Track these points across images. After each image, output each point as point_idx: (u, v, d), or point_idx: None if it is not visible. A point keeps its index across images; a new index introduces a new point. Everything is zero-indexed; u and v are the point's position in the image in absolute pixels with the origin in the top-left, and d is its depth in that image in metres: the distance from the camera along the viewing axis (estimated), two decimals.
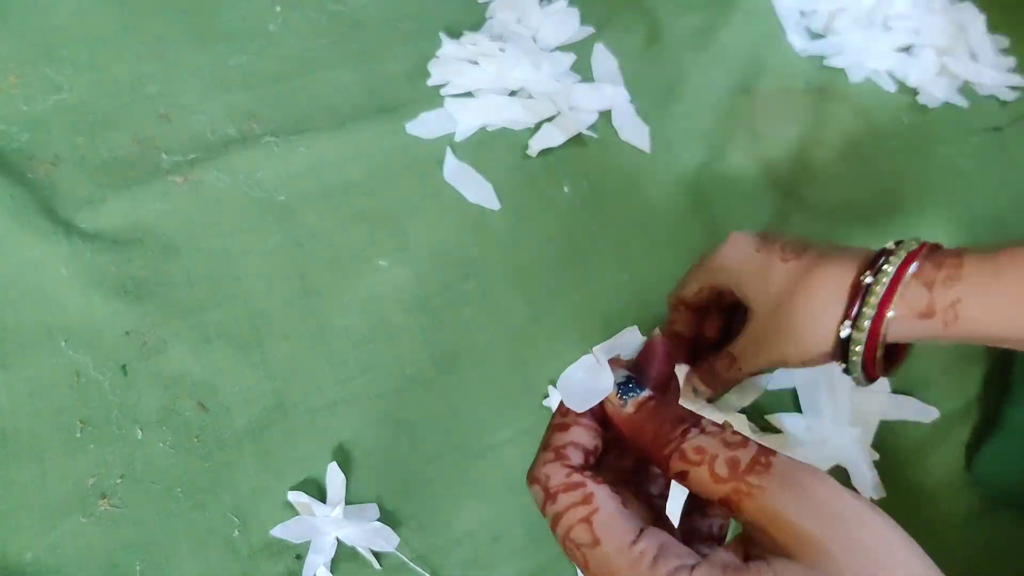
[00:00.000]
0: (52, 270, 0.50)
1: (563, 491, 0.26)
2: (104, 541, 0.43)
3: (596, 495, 0.25)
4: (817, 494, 0.22)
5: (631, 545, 0.24)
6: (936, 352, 0.55)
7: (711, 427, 0.25)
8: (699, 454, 0.24)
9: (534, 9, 0.67)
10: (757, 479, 0.23)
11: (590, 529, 0.25)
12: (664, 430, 0.26)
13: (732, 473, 0.23)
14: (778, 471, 0.23)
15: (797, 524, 0.22)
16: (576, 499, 0.25)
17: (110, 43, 0.61)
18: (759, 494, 0.23)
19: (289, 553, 0.44)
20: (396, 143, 0.59)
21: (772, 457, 0.23)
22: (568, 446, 0.27)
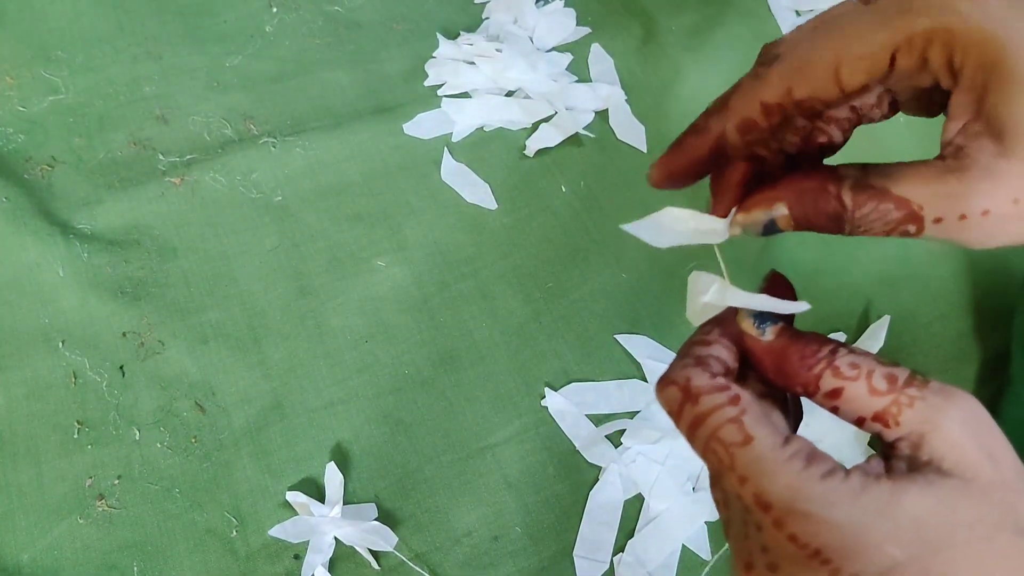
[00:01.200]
0: (49, 271, 0.50)
1: (707, 392, 0.24)
2: (102, 542, 0.43)
3: (743, 398, 0.24)
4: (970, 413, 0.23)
5: (783, 445, 0.23)
6: (931, 350, 0.55)
7: (858, 349, 0.24)
8: (855, 369, 0.23)
9: (530, 10, 0.68)
10: (917, 391, 0.23)
11: (742, 427, 0.23)
12: (811, 350, 0.24)
13: (891, 386, 0.23)
14: (936, 387, 0.23)
15: (955, 438, 0.22)
16: (722, 400, 0.24)
17: (106, 45, 0.61)
18: (921, 404, 0.22)
19: (288, 553, 0.44)
20: (393, 143, 0.59)
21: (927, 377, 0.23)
22: (710, 358, 0.25)
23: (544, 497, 0.47)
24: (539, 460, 0.49)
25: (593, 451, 0.48)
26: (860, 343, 0.54)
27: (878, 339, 0.54)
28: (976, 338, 0.56)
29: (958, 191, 0.23)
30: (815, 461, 0.23)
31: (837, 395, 0.24)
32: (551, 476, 0.48)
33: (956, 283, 0.58)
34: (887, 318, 0.55)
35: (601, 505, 0.47)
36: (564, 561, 0.46)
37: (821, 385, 0.24)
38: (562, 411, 0.50)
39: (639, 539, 0.46)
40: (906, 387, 0.23)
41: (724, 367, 0.25)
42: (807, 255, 0.58)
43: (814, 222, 0.25)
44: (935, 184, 0.24)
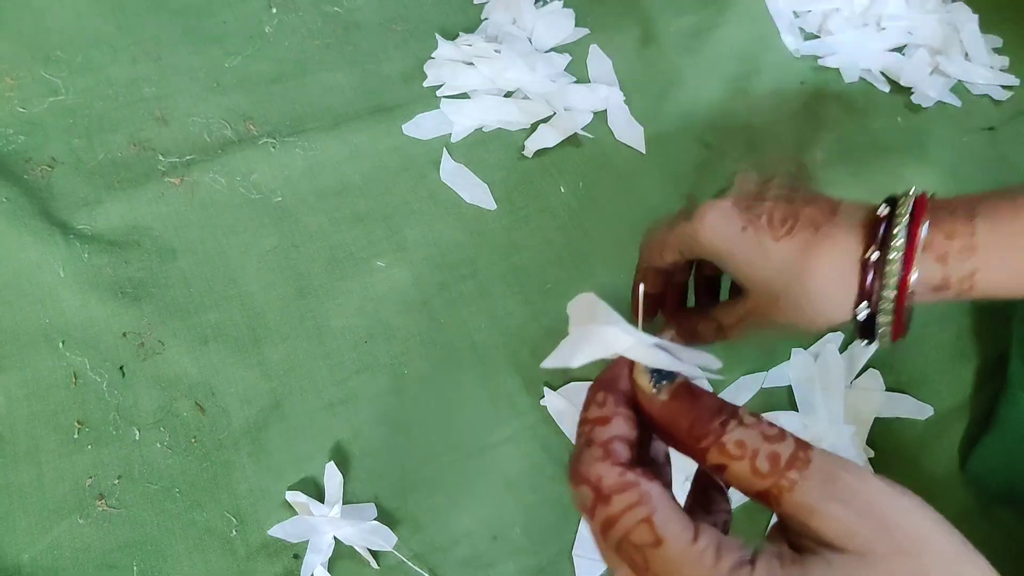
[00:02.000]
0: (49, 272, 0.50)
1: (617, 492, 0.24)
2: (102, 542, 0.43)
3: (652, 494, 0.24)
4: (854, 487, 0.23)
5: (693, 542, 0.23)
6: (931, 350, 0.55)
7: (748, 418, 0.25)
8: (740, 448, 0.24)
9: (529, 10, 0.68)
10: (798, 474, 0.23)
11: (652, 529, 0.24)
12: (702, 420, 0.25)
13: (773, 468, 0.23)
14: (817, 466, 0.23)
15: (839, 518, 0.22)
16: (633, 499, 0.24)
17: (106, 45, 0.61)
18: (800, 489, 0.23)
19: (287, 553, 0.44)
20: (392, 144, 0.60)
21: (810, 452, 0.24)
22: (613, 441, 0.25)
23: (543, 497, 0.48)
24: (538, 460, 0.49)
25: None
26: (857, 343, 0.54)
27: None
28: (974, 339, 0.56)
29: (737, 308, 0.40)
30: (724, 554, 0.23)
31: (722, 470, 0.24)
32: (550, 476, 0.48)
33: None
34: None
35: None
36: (563, 561, 0.46)
37: (708, 458, 0.25)
38: (561, 411, 0.50)
39: None
40: (787, 469, 0.23)
41: (629, 446, 0.26)
42: None
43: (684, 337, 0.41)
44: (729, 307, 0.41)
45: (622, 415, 0.26)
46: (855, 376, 0.53)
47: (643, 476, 0.24)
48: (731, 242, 0.39)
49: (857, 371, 0.53)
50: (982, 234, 0.34)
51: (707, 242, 0.39)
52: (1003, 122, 0.70)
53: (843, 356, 0.54)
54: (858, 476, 0.23)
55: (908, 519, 0.23)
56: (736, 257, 0.39)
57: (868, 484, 0.23)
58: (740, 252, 0.38)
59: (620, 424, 0.26)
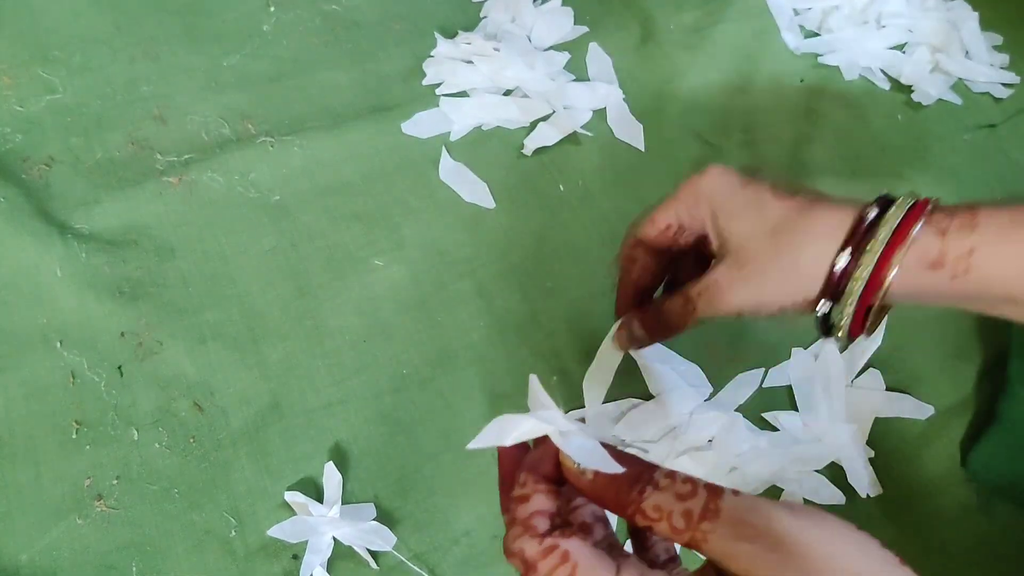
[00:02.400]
0: (47, 271, 0.50)
1: (541, 558, 0.28)
2: (100, 542, 0.43)
3: (571, 552, 0.27)
4: (761, 525, 0.25)
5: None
6: (931, 349, 0.55)
7: (663, 480, 0.27)
8: (657, 512, 0.27)
9: (528, 8, 0.68)
10: (710, 525, 0.25)
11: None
12: (623, 492, 0.27)
13: (688, 524, 0.26)
14: (726, 515, 0.25)
15: (748, 555, 0.24)
16: (554, 562, 0.27)
17: (103, 44, 0.61)
18: (713, 539, 0.25)
19: (286, 553, 0.44)
20: (391, 143, 0.59)
21: (720, 501, 0.26)
22: (533, 516, 0.29)
23: None
24: None
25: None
26: (857, 342, 0.54)
27: (876, 338, 0.54)
28: (974, 338, 0.56)
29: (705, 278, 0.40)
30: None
31: (650, 531, 0.28)
32: None
33: None
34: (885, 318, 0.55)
35: None
36: None
37: (635, 521, 0.27)
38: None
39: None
40: (700, 521, 0.26)
41: (548, 517, 0.29)
42: None
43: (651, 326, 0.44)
44: (697, 279, 0.40)
45: (541, 491, 0.29)
46: (855, 375, 0.53)
47: (561, 537, 0.28)
48: (727, 195, 0.40)
49: (857, 371, 0.53)
50: (983, 215, 0.34)
51: (707, 190, 0.40)
52: (1004, 120, 0.70)
53: (843, 355, 0.54)
54: (765, 515, 0.25)
55: (814, 550, 0.24)
56: (728, 208, 0.39)
57: (775, 520, 0.25)
58: (735, 204, 0.39)
59: (539, 500, 0.29)
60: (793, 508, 0.25)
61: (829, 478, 0.49)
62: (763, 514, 0.25)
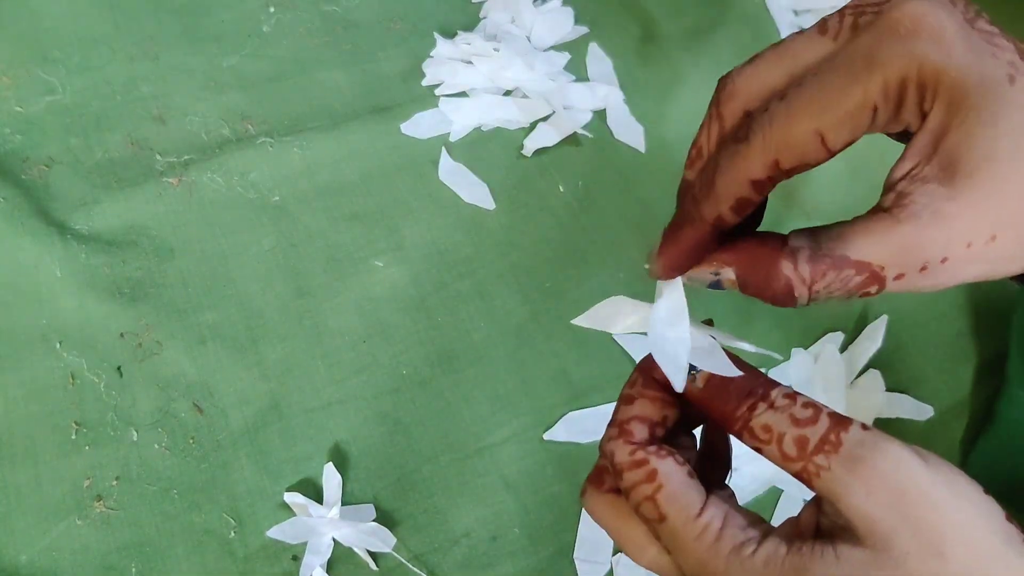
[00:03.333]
0: (46, 272, 0.50)
1: (627, 469, 0.26)
2: (100, 543, 0.43)
3: (660, 471, 0.25)
4: (886, 475, 0.22)
5: (696, 518, 0.24)
6: (930, 350, 0.55)
7: (781, 399, 0.24)
8: (767, 433, 0.24)
9: (528, 9, 0.67)
10: (825, 459, 0.22)
11: (656, 506, 0.25)
12: (731, 407, 0.25)
13: (800, 453, 0.23)
14: (846, 451, 0.22)
15: (862, 508, 0.22)
16: (640, 477, 0.25)
17: (103, 44, 0.61)
18: (826, 476, 0.22)
19: (286, 554, 0.44)
20: (391, 143, 0.59)
21: (844, 433, 0.22)
22: (632, 420, 0.26)
23: (543, 497, 0.47)
24: (537, 460, 0.49)
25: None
26: (857, 343, 0.54)
27: (876, 339, 0.54)
28: (974, 338, 0.56)
29: (915, 243, 0.22)
30: (726, 533, 0.24)
31: (759, 451, 0.24)
32: (549, 476, 0.48)
33: None
34: (884, 318, 0.55)
35: None
36: (563, 561, 0.46)
37: (744, 441, 0.25)
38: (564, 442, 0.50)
39: None
40: (815, 454, 0.23)
41: (649, 426, 0.26)
42: None
43: (763, 295, 0.25)
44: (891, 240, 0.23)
45: (648, 397, 0.27)
46: (855, 376, 0.53)
47: (655, 455, 0.25)
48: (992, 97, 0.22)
49: (857, 371, 0.53)
50: None
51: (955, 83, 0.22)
52: None
53: (843, 356, 0.54)
54: (894, 459, 0.22)
55: (938, 513, 0.21)
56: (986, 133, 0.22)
57: (903, 469, 0.22)
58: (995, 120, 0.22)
59: (643, 405, 0.27)
60: (926, 457, 0.22)
61: None
62: (891, 458, 0.22)
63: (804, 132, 0.23)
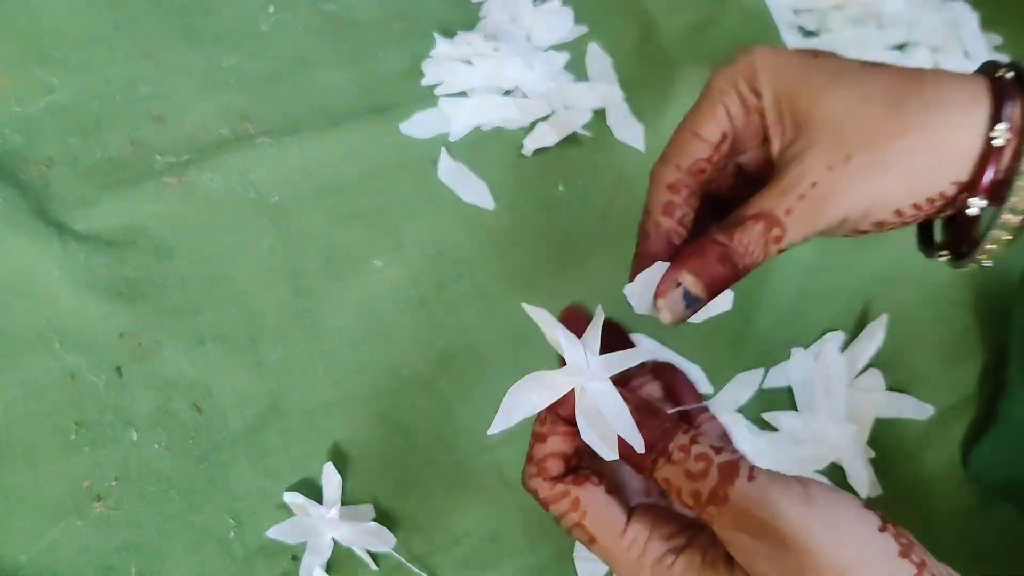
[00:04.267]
0: (45, 272, 0.50)
1: (552, 501, 0.28)
2: (99, 543, 0.43)
3: (581, 498, 0.28)
4: (769, 523, 0.24)
5: (621, 536, 0.27)
6: (931, 350, 0.55)
7: (677, 453, 0.26)
8: (667, 485, 0.26)
9: (527, 8, 0.67)
10: (716, 510, 0.25)
11: (584, 530, 0.28)
12: (643, 461, 0.27)
13: (696, 503, 0.25)
14: (733, 504, 0.25)
15: (746, 553, 0.24)
16: (564, 507, 0.28)
17: (102, 44, 0.60)
18: (718, 523, 0.25)
19: (285, 554, 0.44)
20: (390, 143, 0.59)
21: (730, 488, 0.25)
22: (547, 458, 0.29)
23: None
24: None
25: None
26: (858, 342, 0.54)
27: (876, 339, 0.54)
28: (974, 338, 0.56)
29: (787, 183, 0.29)
30: (649, 548, 0.27)
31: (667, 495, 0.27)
32: None
33: (954, 283, 0.58)
34: (884, 317, 0.55)
35: None
36: (563, 561, 0.46)
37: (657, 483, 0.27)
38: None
39: None
40: (707, 505, 0.25)
41: (563, 460, 0.29)
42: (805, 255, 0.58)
43: (712, 273, 0.30)
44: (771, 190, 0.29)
45: (559, 433, 0.29)
46: (855, 375, 0.53)
47: (574, 483, 0.28)
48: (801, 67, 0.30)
49: (858, 370, 0.53)
50: None
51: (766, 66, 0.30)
52: None
53: (843, 355, 0.54)
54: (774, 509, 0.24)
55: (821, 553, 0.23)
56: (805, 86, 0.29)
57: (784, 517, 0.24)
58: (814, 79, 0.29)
59: (555, 442, 0.29)
60: (810, 500, 0.24)
61: (829, 479, 0.49)
62: (772, 509, 0.24)
63: (684, 134, 0.33)
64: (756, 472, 0.25)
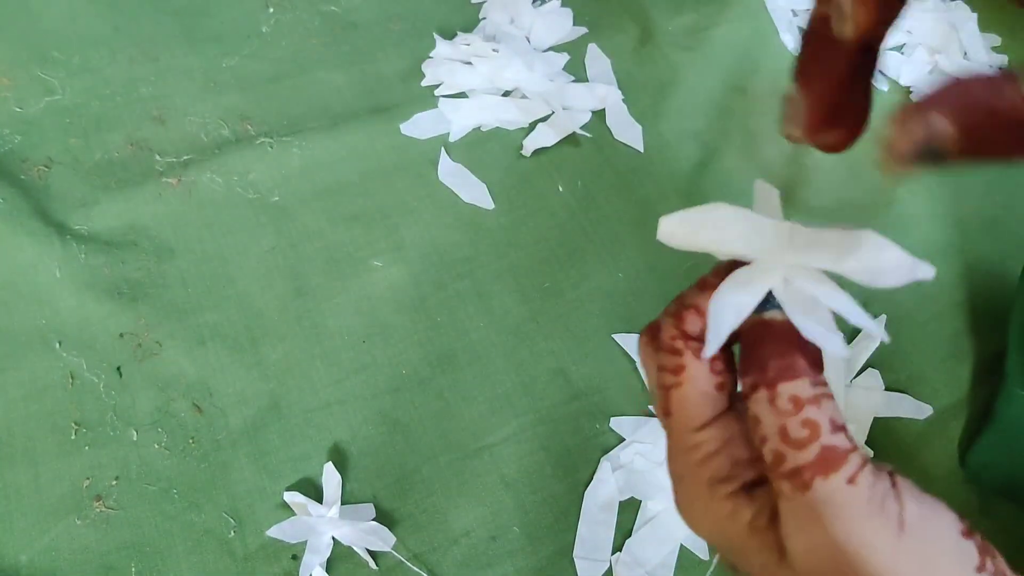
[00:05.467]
0: (46, 272, 0.50)
1: (664, 351, 0.24)
2: (99, 543, 0.43)
3: (687, 369, 0.24)
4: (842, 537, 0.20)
5: (695, 431, 0.23)
6: (929, 349, 0.55)
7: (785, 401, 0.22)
8: (755, 424, 0.22)
9: (527, 9, 0.68)
10: (790, 488, 0.21)
11: (667, 400, 0.24)
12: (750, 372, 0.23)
13: (774, 466, 0.21)
14: (813, 498, 0.21)
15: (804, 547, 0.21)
16: (669, 365, 0.24)
17: (102, 45, 0.61)
18: (784, 502, 0.21)
19: (285, 554, 0.44)
20: (390, 144, 0.59)
21: (821, 479, 0.21)
22: (692, 309, 0.24)
23: (542, 497, 0.47)
24: (537, 460, 0.49)
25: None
26: (856, 342, 0.54)
27: (876, 339, 0.54)
28: (973, 337, 0.56)
29: None
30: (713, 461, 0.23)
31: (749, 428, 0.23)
32: (549, 476, 0.48)
33: (952, 283, 0.58)
34: (883, 317, 0.55)
35: (597, 505, 0.47)
36: (562, 561, 0.46)
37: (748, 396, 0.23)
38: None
39: (637, 539, 0.46)
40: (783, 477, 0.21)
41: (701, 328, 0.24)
42: None
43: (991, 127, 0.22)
44: None
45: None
46: (854, 375, 0.53)
47: (694, 351, 0.24)
48: None
49: (856, 370, 0.53)
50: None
51: None
52: None
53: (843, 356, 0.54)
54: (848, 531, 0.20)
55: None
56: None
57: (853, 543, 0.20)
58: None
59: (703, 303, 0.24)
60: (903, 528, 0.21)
61: None
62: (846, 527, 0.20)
63: None
64: (860, 479, 0.21)
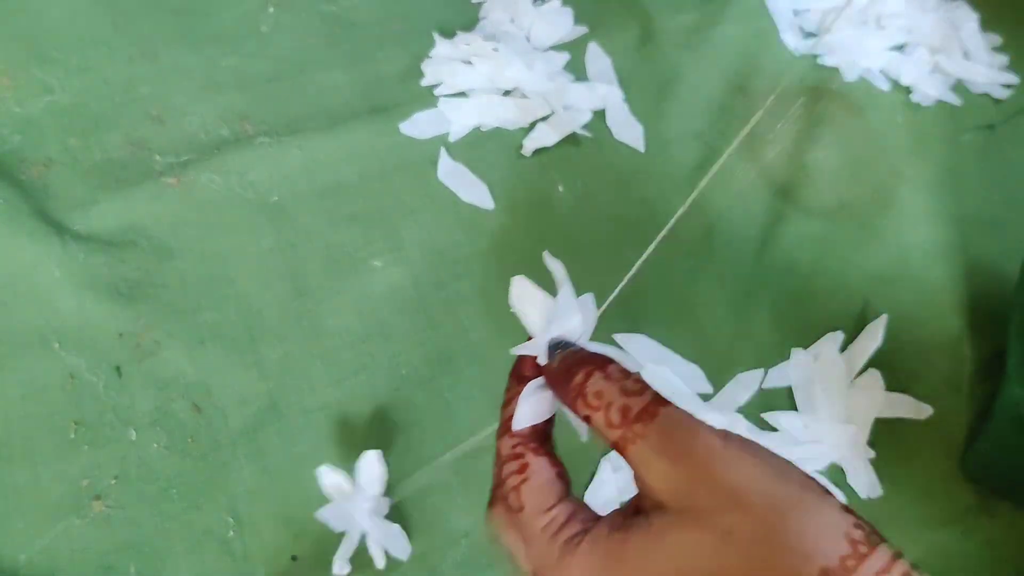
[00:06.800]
0: (45, 272, 0.50)
1: (505, 460, 0.28)
2: (99, 543, 0.43)
3: (531, 465, 0.28)
4: (691, 441, 0.24)
5: (546, 511, 0.27)
6: (930, 349, 0.55)
7: (616, 373, 0.26)
8: (598, 399, 0.26)
9: (527, 9, 0.67)
10: (642, 427, 0.24)
11: (518, 496, 0.27)
12: (571, 375, 0.27)
13: (623, 420, 0.25)
14: (661, 420, 0.24)
15: (664, 472, 0.24)
16: (513, 468, 0.28)
17: (102, 45, 0.60)
18: (640, 441, 0.24)
19: (285, 554, 0.44)
20: (390, 143, 0.59)
21: (662, 408, 0.25)
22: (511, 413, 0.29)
23: None
24: None
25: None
26: (857, 343, 0.54)
27: (875, 338, 0.54)
28: (973, 338, 0.56)
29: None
30: (565, 529, 0.26)
31: (589, 421, 0.26)
32: None
33: (952, 283, 0.58)
34: (884, 317, 0.55)
35: (597, 505, 0.47)
36: None
37: (577, 411, 0.27)
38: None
39: None
40: (635, 422, 0.25)
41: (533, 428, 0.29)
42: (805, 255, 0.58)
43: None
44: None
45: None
46: (855, 375, 0.53)
47: (532, 451, 0.28)
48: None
49: (857, 370, 0.53)
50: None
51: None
52: (1003, 121, 0.70)
53: (843, 355, 0.54)
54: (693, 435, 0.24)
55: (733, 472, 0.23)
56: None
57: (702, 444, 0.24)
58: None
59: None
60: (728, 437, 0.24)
61: (829, 479, 0.49)
62: (692, 433, 0.24)
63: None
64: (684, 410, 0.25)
